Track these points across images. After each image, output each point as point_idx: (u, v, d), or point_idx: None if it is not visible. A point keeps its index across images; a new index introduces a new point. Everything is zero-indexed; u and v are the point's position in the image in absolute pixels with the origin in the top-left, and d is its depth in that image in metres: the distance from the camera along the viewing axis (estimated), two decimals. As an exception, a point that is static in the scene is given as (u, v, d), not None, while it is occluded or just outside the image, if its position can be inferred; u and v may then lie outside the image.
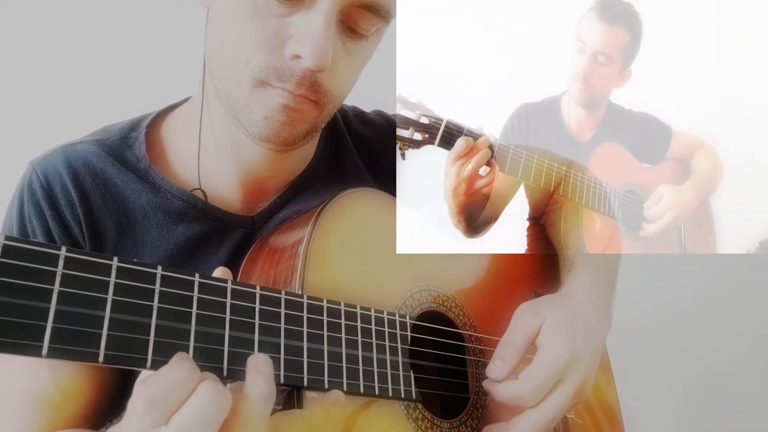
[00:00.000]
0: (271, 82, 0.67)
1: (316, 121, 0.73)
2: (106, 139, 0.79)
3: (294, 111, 0.68)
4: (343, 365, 0.61)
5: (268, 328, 0.56)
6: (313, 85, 0.67)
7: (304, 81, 0.66)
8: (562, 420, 0.83)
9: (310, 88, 0.67)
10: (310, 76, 0.66)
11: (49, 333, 0.43)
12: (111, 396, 0.73)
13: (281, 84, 0.66)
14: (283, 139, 0.70)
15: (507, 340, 0.73)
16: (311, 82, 0.67)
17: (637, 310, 1.55)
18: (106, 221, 0.75)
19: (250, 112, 0.69)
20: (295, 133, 0.70)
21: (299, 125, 0.70)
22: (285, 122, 0.69)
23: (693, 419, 1.72)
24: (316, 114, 0.71)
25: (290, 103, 0.67)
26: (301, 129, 0.71)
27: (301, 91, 0.67)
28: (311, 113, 0.70)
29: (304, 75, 0.66)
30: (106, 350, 0.45)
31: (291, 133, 0.70)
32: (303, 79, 0.66)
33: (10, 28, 1.30)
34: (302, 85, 0.67)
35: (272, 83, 0.67)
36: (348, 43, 0.70)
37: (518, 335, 0.72)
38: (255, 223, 0.80)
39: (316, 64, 0.65)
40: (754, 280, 1.74)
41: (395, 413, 0.66)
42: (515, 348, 0.72)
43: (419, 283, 0.75)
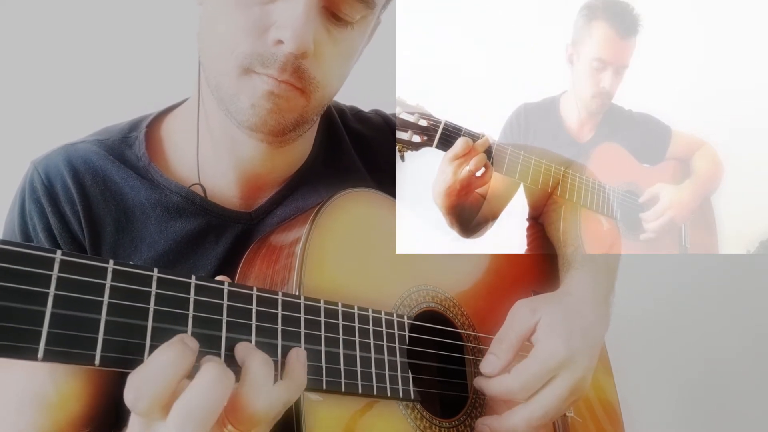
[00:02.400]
0: (255, 68, 0.67)
1: (305, 111, 0.73)
2: (106, 139, 0.80)
3: (279, 98, 0.69)
4: (341, 366, 0.61)
5: (265, 329, 0.56)
6: (297, 71, 0.68)
7: (287, 66, 0.67)
8: (561, 418, 0.83)
9: (294, 73, 0.68)
10: (293, 61, 0.67)
11: (44, 336, 0.43)
12: (112, 397, 0.73)
13: (265, 70, 0.67)
14: (271, 128, 0.71)
15: (501, 335, 0.73)
16: (294, 68, 0.67)
17: (638, 309, 1.55)
18: (105, 217, 0.75)
19: (237, 101, 0.69)
20: (283, 121, 0.71)
21: (286, 114, 0.70)
22: (272, 110, 0.69)
23: (693, 418, 1.72)
24: (303, 103, 0.71)
25: (275, 89, 0.68)
26: (289, 118, 0.71)
27: (284, 77, 0.67)
28: (297, 101, 0.70)
29: (286, 60, 0.67)
30: (102, 353, 0.45)
31: (278, 121, 0.70)
32: (286, 65, 0.67)
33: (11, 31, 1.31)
34: (285, 71, 0.67)
35: (256, 70, 0.67)
36: (333, 30, 0.70)
37: (513, 331, 0.73)
38: (253, 219, 0.81)
39: (296, 47, 0.65)
40: (754, 280, 1.74)
41: (394, 413, 0.66)
42: (509, 343, 0.72)
43: (417, 283, 0.75)
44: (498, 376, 0.70)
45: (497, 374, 0.70)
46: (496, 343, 0.73)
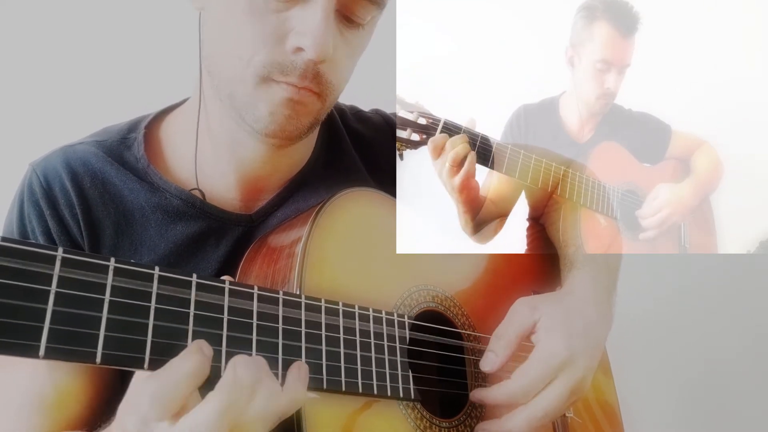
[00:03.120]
0: (275, 77, 0.67)
1: (319, 113, 0.73)
2: (105, 140, 0.80)
3: (298, 104, 0.69)
4: (342, 365, 0.61)
5: (265, 328, 0.56)
6: (316, 77, 0.68)
7: (307, 73, 0.67)
8: (561, 419, 0.83)
9: (313, 80, 0.68)
10: (312, 68, 0.67)
11: (46, 334, 0.43)
12: (113, 396, 0.73)
13: (285, 78, 0.67)
14: (289, 133, 0.71)
15: (500, 332, 0.73)
16: (314, 74, 0.68)
17: (638, 309, 1.55)
18: (105, 220, 0.75)
19: (254, 109, 0.69)
20: (300, 126, 0.71)
21: (303, 118, 0.71)
22: (290, 116, 0.69)
23: (692, 419, 1.72)
24: (319, 106, 0.72)
25: (294, 96, 0.68)
26: (305, 122, 0.72)
27: (304, 84, 0.68)
28: (314, 105, 0.71)
29: (306, 67, 0.67)
30: (103, 351, 0.45)
31: (296, 126, 0.71)
32: (306, 72, 0.67)
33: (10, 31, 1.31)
34: (305, 78, 0.67)
35: (276, 78, 0.67)
36: (345, 33, 0.70)
37: (512, 328, 0.72)
38: (253, 222, 0.80)
39: (318, 54, 0.65)
40: (754, 280, 1.74)
41: (394, 413, 0.66)
42: (507, 341, 0.72)
43: (417, 283, 0.75)
44: (497, 383, 0.70)
45: (496, 369, 0.70)
46: (494, 340, 0.72)
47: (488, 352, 0.72)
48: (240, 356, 0.52)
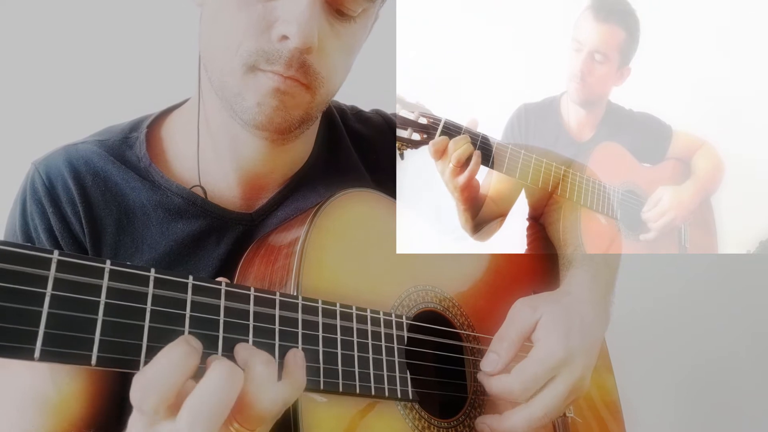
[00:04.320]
0: (261, 65, 0.67)
1: (310, 107, 0.73)
2: (107, 139, 0.80)
3: (285, 95, 0.69)
4: (339, 366, 0.61)
5: (262, 329, 0.56)
6: (302, 67, 0.68)
7: (292, 62, 0.67)
8: (561, 417, 0.83)
9: (299, 69, 0.68)
10: (298, 57, 0.67)
11: (41, 337, 0.43)
12: (114, 396, 0.73)
13: (270, 67, 0.67)
14: (278, 126, 0.71)
15: (502, 334, 0.73)
16: (300, 63, 0.67)
17: (638, 309, 1.55)
18: (106, 218, 0.75)
19: (242, 100, 0.69)
20: (289, 118, 0.71)
21: (292, 110, 0.70)
22: (278, 107, 0.69)
23: (693, 417, 1.72)
24: (309, 99, 0.71)
25: (281, 86, 0.68)
26: (295, 115, 0.71)
27: (290, 73, 0.67)
28: (303, 97, 0.70)
29: (292, 56, 0.67)
30: (99, 353, 0.45)
31: (285, 118, 0.70)
32: (291, 60, 0.67)
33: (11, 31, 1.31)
34: (291, 66, 0.67)
35: (261, 67, 0.67)
36: (336, 25, 0.70)
37: (513, 330, 0.73)
38: (254, 220, 0.81)
39: (302, 41, 0.65)
40: (754, 280, 1.74)
41: (392, 413, 0.66)
42: (510, 342, 0.72)
43: (416, 283, 0.75)
44: (498, 375, 0.70)
45: (498, 372, 0.70)
46: (496, 342, 0.73)
47: (490, 353, 0.72)
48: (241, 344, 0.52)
